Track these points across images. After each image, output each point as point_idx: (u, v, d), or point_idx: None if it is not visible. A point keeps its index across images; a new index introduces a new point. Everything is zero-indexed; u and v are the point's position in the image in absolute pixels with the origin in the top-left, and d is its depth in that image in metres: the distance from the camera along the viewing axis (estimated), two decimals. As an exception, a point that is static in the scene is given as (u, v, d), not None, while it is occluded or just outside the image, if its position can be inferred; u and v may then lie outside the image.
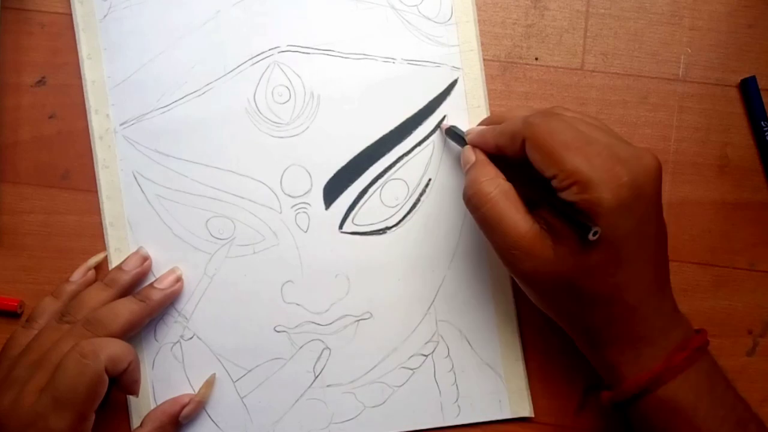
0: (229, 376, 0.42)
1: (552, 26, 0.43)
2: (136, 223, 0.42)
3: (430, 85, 0.42)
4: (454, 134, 0.40)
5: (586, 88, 0.43)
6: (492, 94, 0.43)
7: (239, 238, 0.42)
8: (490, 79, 0.43)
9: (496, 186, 0.35)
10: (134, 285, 0.41)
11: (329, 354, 0.42)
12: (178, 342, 0.42)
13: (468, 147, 0.38)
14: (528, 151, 0.33)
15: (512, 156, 0.35)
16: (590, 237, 0.31)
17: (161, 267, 0.42)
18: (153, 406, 0.42)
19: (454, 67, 0.42)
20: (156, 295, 0.40)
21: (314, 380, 0.42)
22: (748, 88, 0.43)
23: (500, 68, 0.43)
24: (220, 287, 0.42)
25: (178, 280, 0.41)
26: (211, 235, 0.42)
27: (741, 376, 0.42)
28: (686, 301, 0.43)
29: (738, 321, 0.43)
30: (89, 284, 0.41)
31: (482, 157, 0.37)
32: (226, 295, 0.42)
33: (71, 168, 0.43)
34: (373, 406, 0.42)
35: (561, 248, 0.33)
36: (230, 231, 0.42)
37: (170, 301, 0.41)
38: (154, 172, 0.42)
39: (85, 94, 0.42)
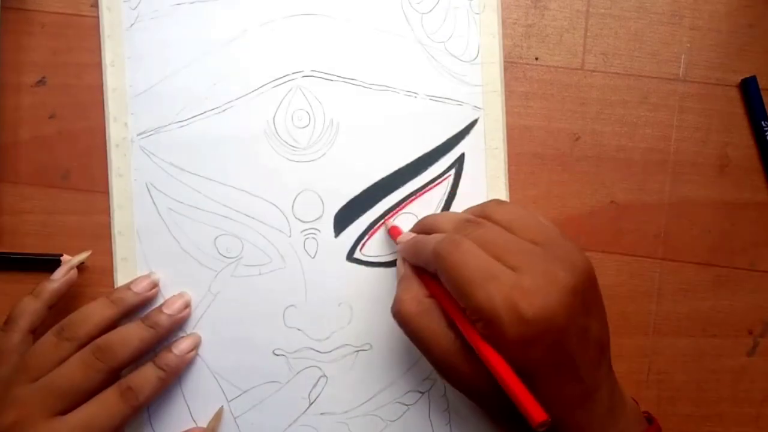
0: (224, 394, 0.42)
1: (552, 26, 0.43)
2: (145, 233, 0.42)
3: (450, 122, 0.42)
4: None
5: (587, 88, 0.43)
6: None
7: (246, 258, 0.42)
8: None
9: (417, 304, 0.35)
10: (139, 308, 0.41)
11: (326, 382, 0.42)
12: (176, 356, 0.42)
13: (399, 258, 0.39)
14: (442, 281, 0.33)
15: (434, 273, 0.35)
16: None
17: (166, 281, 0.42)
18: (147, 418, 0.41)
19: (475, 107, 0.42)
20: (165, 322, 0.40)
21: (308, 407, 0.42)
22: (748, 87, 0.43)
23: None
24: (222, 306, 0.42)
25: (187, 305, 0.41)
26: (219, 252, 0.42)
27: (741, 377, 0.43)
28: (686, 301, 0.43)
29: (738, 321, 0.43)
30: (71, 283, 0.40)
31: (408, 272, 0.37)
32: (228, 315, 0.42)
33: (71, 168, 0.43)
34: (365, 439, 0.42)
35: (479, 366, 0.33)
36: (238, 250, 0.42)
37: (178, 327, 0.41)
38: (168, 185, 0.42)
39: (104, 101, 0.42)
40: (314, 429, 0.42)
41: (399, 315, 0.35)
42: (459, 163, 0.42)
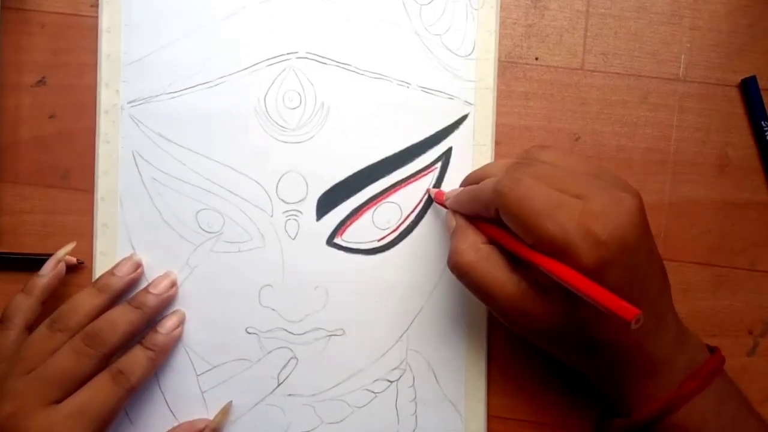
0: (194, 368, 0.42)
1: (552, 26, 0.43)
2: (127, 201, 0.42)
3: (440, 115, 0.42)
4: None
5: (587, 88, 0.43)
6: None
7: (227, 234, 0.42)
8: (490, 77, 0.43)
9: (476, 251, 0.35)
10: (126, 291, 0.41)
11: (296, 364, 0.42)
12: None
13: (449, 212, 0.38)
14: (504, 220, 0.33)
15: (493, 219, 0.35)
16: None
17: (146, 251, 0.42)
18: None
19: (467, 101, 0.42)
20: (152, 302, 0.40)
21: (277, 387, 0.42)
22: (748, 87, 0.43)
23: (500, 68, 0.43)
24: (199, 280, 0.42)
25: (173, 284, 0.41)
26: (200, 226, 0.42)
27: (741, 376, 0.42)
28: (686, 301, 0.43)
29: (738, 321, 0.43)
30: (60, 277, 0.40)
31: (462, 222, 0.37)
32: (204, 289, 0.42)
33: (71, 168, 0.43)
34: (331, 423, 0.42)
35: (551, 303, 0.33)
36: (219, 225, 0.42)
37: (166, 306, 0.41)
38: (154, 155, 0.42)
39: (98, 66, 0.42)
40: (281, 409, 0.42)
41: (458, 266, 0.35)
42: (446, 156, 0.42)
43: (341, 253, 0.42)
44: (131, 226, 0.42)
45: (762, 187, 0.43)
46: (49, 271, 0.40)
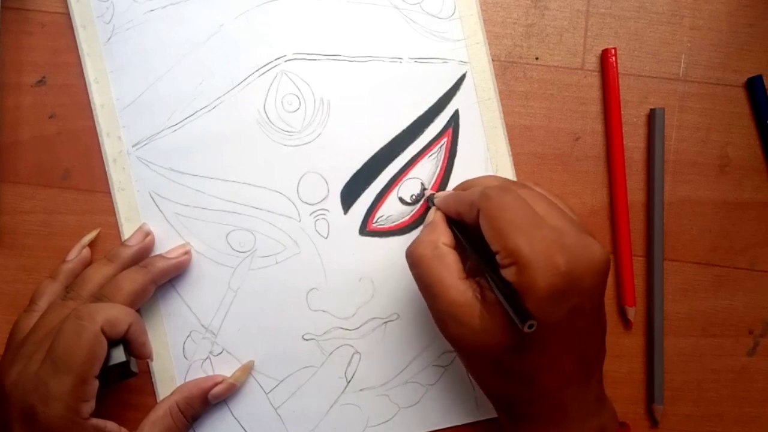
0: (262, 388, 0.42)
1: (552, 26, 0.43)
2: (156, 242, 0.42)
3: (439, 81, 0.42)
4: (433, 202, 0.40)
5: (587, 88, 0.43)
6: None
7: (260, 249, 0.42)
8: (491, 78, 0.43)
9: (434, 248, 0.35)
10: (137, 260, 0.41)
11: (359, 358, 0.42)
12: (207, 358, 0.42)
13: (432, 209, 0.39)
14: (480, 223, 0.33)
15: (470, 224, 0.35)
16: (525, 329, 0.30)
17: (187, 284, 0.42)
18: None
19: (461, 61, 0.42)
20: (160, 263, 0.40)
21: (347, 385, 0.42)
22: (754, 86, 0.42)
23: (500, 68, 0.43)
24: (245, 300, 0.42)
25: (186, 252, 0.41)
26: (232, 248, 0.42)
27: (741, 376, 0.43)
28: (686, 301, 0.43)
29: (738, 321, 0.43)
30: (86, 262, 0.41)
31: (438, 219, 0.37)
32: (252, 307, 0.42)
33: (71, 168, 0.43)
34: (408, 407, 0.42)
35: (489, 321, 0.33)
36: (251, 243, 0.42)
37: (176, 271, 0.41)
38: (171, 191, 0.42)
39: (95, 118, 0.42)
40: (356, 406, 0.42)
41: (411, 255, 0.36)
42: (455, 119, 0.42)
43: (376, 239, 0.42)
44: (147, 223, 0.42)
45: (762, 186, 0.43)
46: (74, 256, 0.41)
